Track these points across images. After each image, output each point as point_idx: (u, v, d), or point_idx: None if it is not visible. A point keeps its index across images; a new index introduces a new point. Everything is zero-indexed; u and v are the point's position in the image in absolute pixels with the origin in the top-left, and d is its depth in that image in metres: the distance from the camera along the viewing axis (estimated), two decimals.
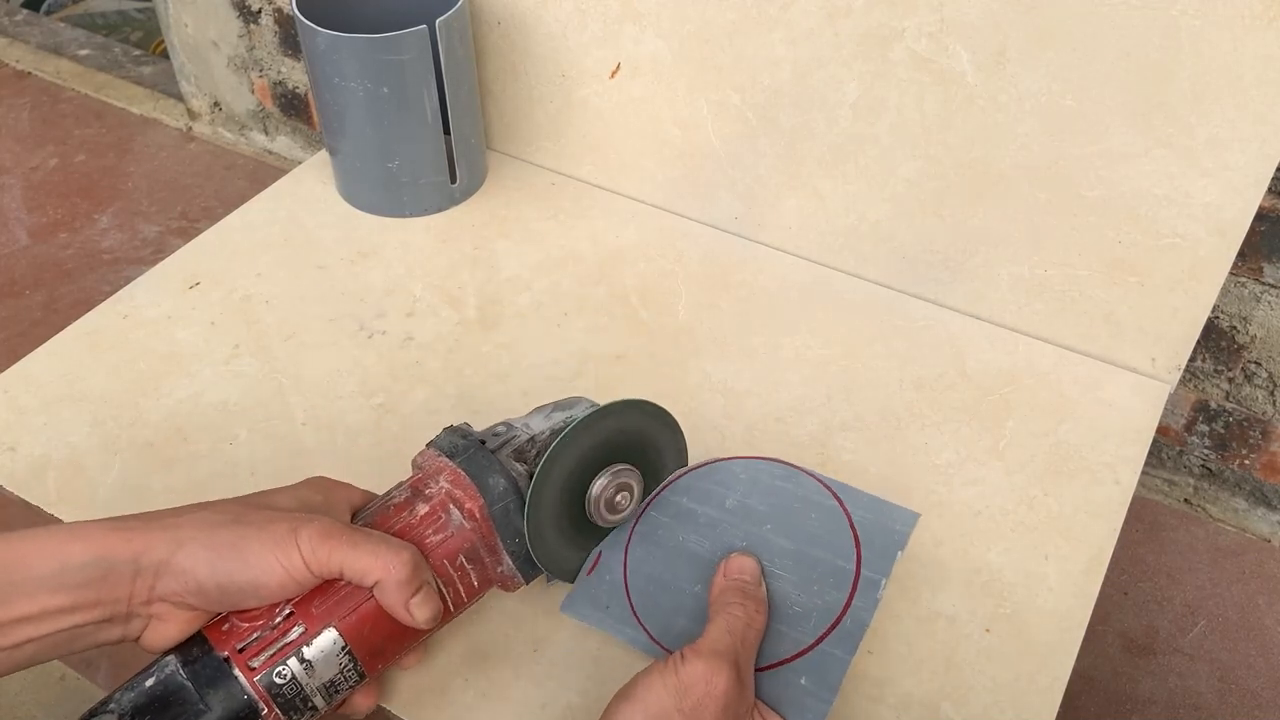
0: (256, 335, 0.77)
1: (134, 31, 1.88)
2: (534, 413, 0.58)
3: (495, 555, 0.53)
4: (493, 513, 0.52)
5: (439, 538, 0.51)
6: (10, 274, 1.32)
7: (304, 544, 0.47)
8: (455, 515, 0.52)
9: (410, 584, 0.48)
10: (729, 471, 0.61)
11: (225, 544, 0.47)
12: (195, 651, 0.47)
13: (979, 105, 0.71)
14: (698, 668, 0.48)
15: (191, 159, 1.47)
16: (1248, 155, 0.65)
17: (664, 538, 0.58)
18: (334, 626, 0.48)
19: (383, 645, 0.50)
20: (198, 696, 0.46)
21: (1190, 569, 1.01)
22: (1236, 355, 0.91)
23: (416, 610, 0.49)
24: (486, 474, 0.52)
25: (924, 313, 0.81)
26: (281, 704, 0.47)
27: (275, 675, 0.47)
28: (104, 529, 0.47)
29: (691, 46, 0.79)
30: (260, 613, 0.48)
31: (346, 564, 0.47)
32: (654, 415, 0.57)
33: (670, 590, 0.56)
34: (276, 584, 0.47)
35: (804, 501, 0.59)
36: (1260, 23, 0.60)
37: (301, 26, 0.79)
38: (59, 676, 0.98)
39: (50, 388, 0.73)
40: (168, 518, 0.49)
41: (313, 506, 0.51)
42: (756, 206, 0.85)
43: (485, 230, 0.87)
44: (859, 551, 0.56)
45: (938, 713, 0.57)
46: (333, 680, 0.48)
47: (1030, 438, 0.71)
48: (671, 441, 0.60)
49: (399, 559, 0.48)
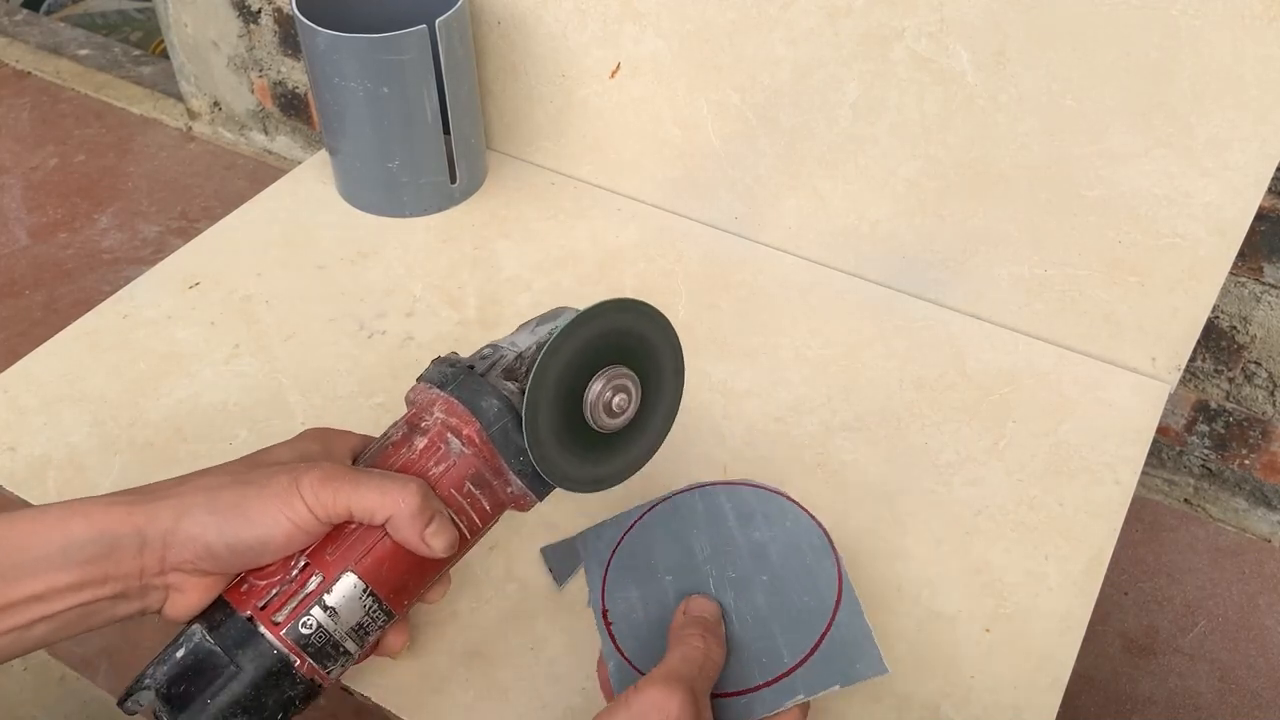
0: (256, 335, 0.77)
1: (134, 31, 1.87)
2: (519, 329, 0.57)
3: (502, 477, 0.52)
4: (491, 435, 0.51)
5: (442, 468, 0.51)
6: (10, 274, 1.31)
7: (306, 492, 0.47)
8: (454, 443, 0.51)
9: (422, 514, 0.48)
10: (718, 500, 0.60)
11: (228, 505, 0.47)
12: (218, 616, 0.48)
13: (979, 105, 0.71)
14: (651, 694, 0.46)
15: (191, 159, 1.47)
16: (1248, 155, 0.65)
17: (644, 566, 0.58)
18: (351, 570, 0.48)
19: (404, 581, 0.50)
20: (228, 659, 0.46)
21: (1190, 569, 1.01)
22: (1236, 355, 0.91)
23: (433, 539, 0.48)
24: (479, 397, 0.51)
25: (924, 313, 0.81)
26: (313, 653, 0.47)
27: (301, 626, 0.47)
28: (104, 504, 0.47)
29: (691, 46, 0.79)
30: (276, 568, 0.48)
31: (354, 504, 0.47)
32: (641, 312, 0.55)
33: (652, 625, 0.56)
34: (284, 536, 0.47)
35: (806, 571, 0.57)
36: (1260, 23, 0.60)
37: (301, 26, 0.79)
38: (59, 677, 0.98)
39: (50, 388, 0.73)
40: (169, 487, 0.48)
41: (312, 456, 0.51)
42: (756, 206, 0.85)
43: (485, 230, 0.87)
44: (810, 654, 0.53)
45: (938, 713, 0.57)
46: (360, 623, 0.48)
47: (1030, 438, 0.71)
48: (664, 338, 0.57)
49: (406, 491, 0.48)
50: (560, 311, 0.58)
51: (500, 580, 0.62)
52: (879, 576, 0.63)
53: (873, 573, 0.63)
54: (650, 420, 0.57)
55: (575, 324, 0.52)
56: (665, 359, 0.57)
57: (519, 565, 0.63)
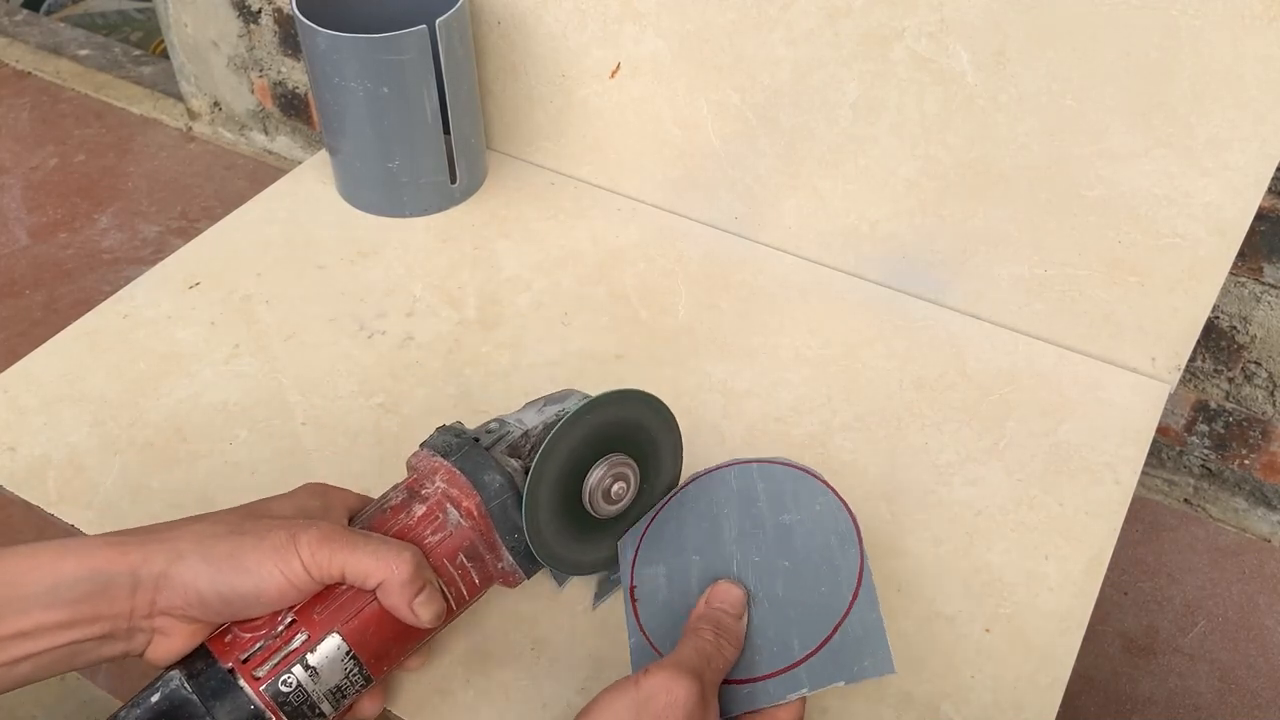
0: (256, 335, 0.77)
1: (134, 31, 1.88)
2: (526, 407, 0.58)
3: (495, 552, 0.53)
4: (490, 509, 0.52)
5: (438, 537, 0.51)
6: (10, 274, 1.32)
7: (304, 549, 0.47)
8: (453, 514, 0.52)
9: (413, 584, 0.48)
10: (752, 478, 0.60)
11: (224, 554, 0.47)
12: (199, 664, 0.47)
13: (979, 105, 0.71)
14: (659, 678, 0.47)
15: (191, 159, 1.47)
16: (1248, 155, 0.65)
17: (674, 543, 0.58)
18: (337, 631, 0.48)
19: (387, 648, 0.50)
20: (204, 709, 0.46)
21: (1190, 569, 1.01)
22: (1236, 355, 0.91)
23: (421, 609, 0.49)
24: (482, 471, 0.52)
25: (924, 313, 0.81)
26: (289, 712, 0.47)
27: (281, 684, 0.47)
28: (97, 544, 0.47)
29: (691, 46, 0.79)
30: (263, 622, 0.48)
31: (348, 567, 0.47)
32: (646, 404, 0.57)
33: (675, 605, 0.56)
34: (277, 591, 0.47)
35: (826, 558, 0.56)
36: (1260, 23, 0.60)
37: (301, 26, 0.79)
38: (59, 677, 0.98)
39: (50, 388, 0.73)
40: (163, 531, 0.48)
41: (310, 512, 0.51)
42: (756, 206, 0.85)
43: (485, 230, 0.87)
44: (820, 647, 0.53)
45: (938, 713, 0.57)
46: (339, 685, 0.48)
47: (1030, 438, 0.71)
48: (666, 429, 0.59)
49: (401, 559, 0.48)
50: (568, 394, 0.59)
51: None
52: (879, 576, 0.63)
53: (873, 573, 0.63)
54: (644, 504, 0.59)
55: (582, 411, 0.53)
56: (665, 449, 0.60)
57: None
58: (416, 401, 0.73)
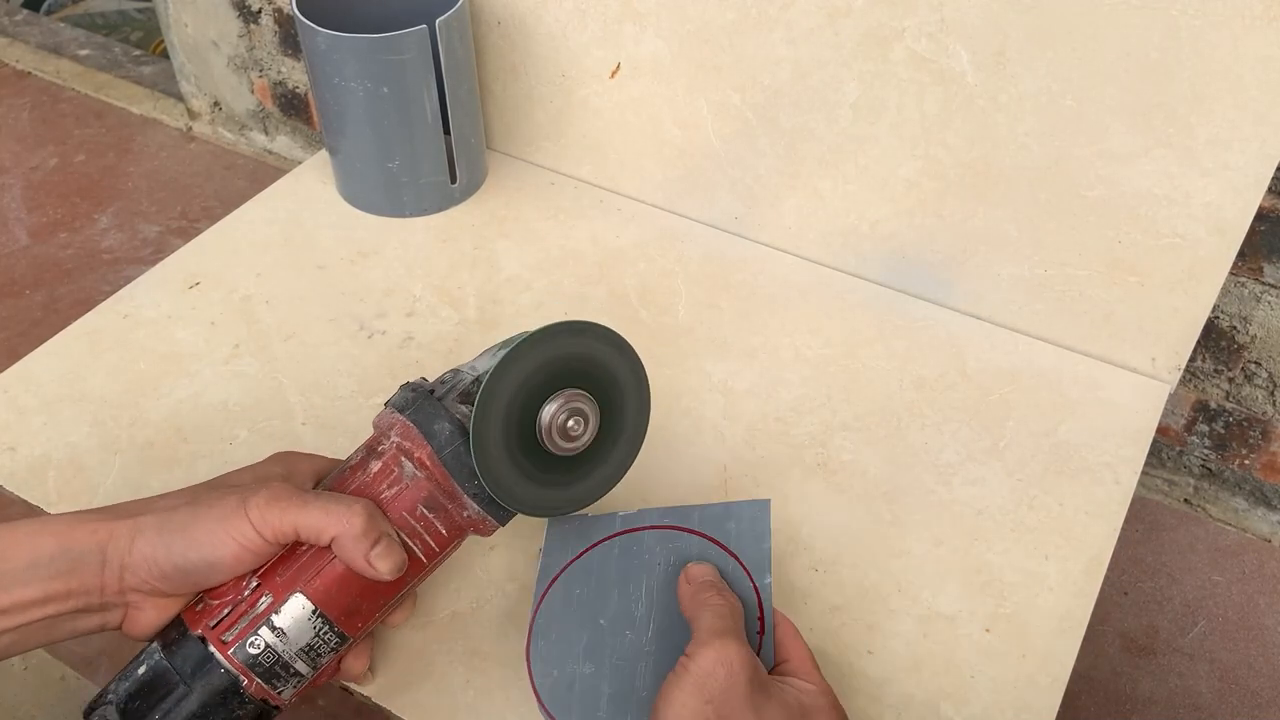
0: (256, 335, 0.77)
1: (134, 31, 1.87)
2: (482, 354, 0.57)
3: (457, 501, 0.52)
4: (443, 458, 0.51)
5: (393, 490, 0.51)
6: (10, 274, 1.31)
7: (253, 512, 0.47)
8: (408, 466, 0.51)
9: (366, 536, 0.48)
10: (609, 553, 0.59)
11: (177, 527, 0.48)
12: (173, 634, 0.49)
13: (979, 105, 0.71)
14: (708, 655, 0.47)
15: (191, 159, 1.47)
16: (1248, 155, 0.65)
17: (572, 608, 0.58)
18: (300, 591, 0.49)
19: (356, 604, 0.50)
20: (179, 677, 0.47)
21: (1190, 569, 1.01)
22: (1236, 355, 0.91)
23: (378, 561, 0.48)
24: (432, 420, 0.51)
25: (924, 313, 0.81)
26: (261, 674, 0.48)
27: (249, 646, 0.48)
28: (71, 522, 0.48)
29: (691, 46, 0.79)
30: (229, 588, 0.49)
31: (300, 524, 0.48)
32: (599, 335, 0.55)
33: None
34: (232, 557, 0.47)
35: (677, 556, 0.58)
36: (1260, 23, 0.60)
37: (301, 26, 0.79)
38: (59, 676, 0.98)
39: (50, 388, 0.73)
40: (129, 508, 0.49)
41: (272, 479, 0.52)
42: (756, 206, 0.85)
43: (485, 230, 0.87)
44: (740, 563, 0.55)
45: (938, 713, 0.57)
46: (310, 644, 0.49)
47: (1030, 438, 0.71)
48: (626, 363, 0.57)
49: (351, 512, 0.48)
50: (522, 336, 0.58)
51: (500, 580, 0.62)
52: (879, 576, 0.63)
53: (873, 572, 0.63)
54: (613, 447, 0.57)
55: (524, 345, 0.52)
56: (628, 385, 0.57)
57: (519, 565, 0.63)
58: None
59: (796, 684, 0.49)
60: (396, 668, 0.58)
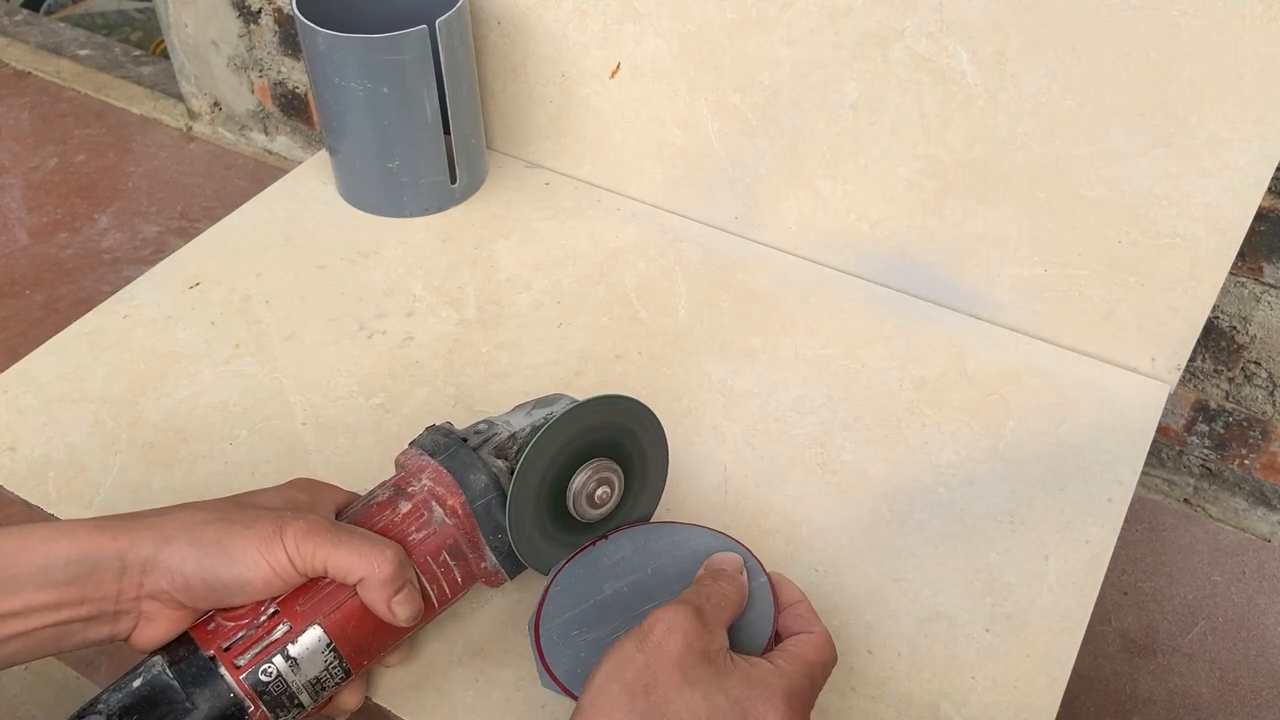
0: (256, 335, 0.77)
1: (134, 31, 1.87)
2: (515, 410, 0.59)
3: (478, 551, 0.53)
4: (475, 509, 0.52)
5: (422, 535, 0.52)
6: (10, 274, 1.31)
7: (289, 541, 0.47)
8: (438, 512, 0.52)
9: (394, 582, 0.49)
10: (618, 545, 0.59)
11: (211, 541, 0.47)
12: (181, 651, 0.48)
13: (979, 105, 0.71)
14: (657, 613, 0.47)
15: (191, 159, 1.47)
16: (1248, 155, 0.65)
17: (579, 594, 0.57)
18: (319, 624, 0.48)
19: (367, 642, 0.50)
20: (184, 695, 0.46)
21: (1190, 569, 1.01)
22: (1236, 355, 0.91)
23: (398, 608, 0.49)
24: (468, 471, 0.52)
25: (924, 313, 0.81)
26: (268, 701, 0.47)
27: (261, 673, 0.47)
28: (89, 527, 0.47)
29: (691, 46, 0.79)
30: (245, 611, 0.48)
31: (331, 561, 0.48)
32: (634, 412, 0.57)
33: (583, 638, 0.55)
34: (262, 581, 0.47)
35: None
36: (1260, 23, 0.60)
37: (301, 26, 0.79)
38: (59, 677, 0.98)
39: (50, 388, 0.73)
40: (153, 516, 0.49)
41: (299, 505, 0.52)
42: (756, 206, 0.85)
43: (485, 230, 0.87)
44: (753, 554, 0.55)
45: (938, 713, 0.57)
46: (318, 677, 0.49)
47: (1030, 438, 0.71)
48: (653, 436, 0.59)
49: (383, 557, 0.48)
50: (557, 398, 0.60)
51: None
52: (879, 576, 0.63)
53: (873, 572, 0.63)
54: (630, 511, 0.59)
55: (569, 415, 0.53)
56: (651, 455, 0.59)
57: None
58: (416, 401, 0.73)
59: (770, 661, 0.47)
60: (396, 668, 0.58)
